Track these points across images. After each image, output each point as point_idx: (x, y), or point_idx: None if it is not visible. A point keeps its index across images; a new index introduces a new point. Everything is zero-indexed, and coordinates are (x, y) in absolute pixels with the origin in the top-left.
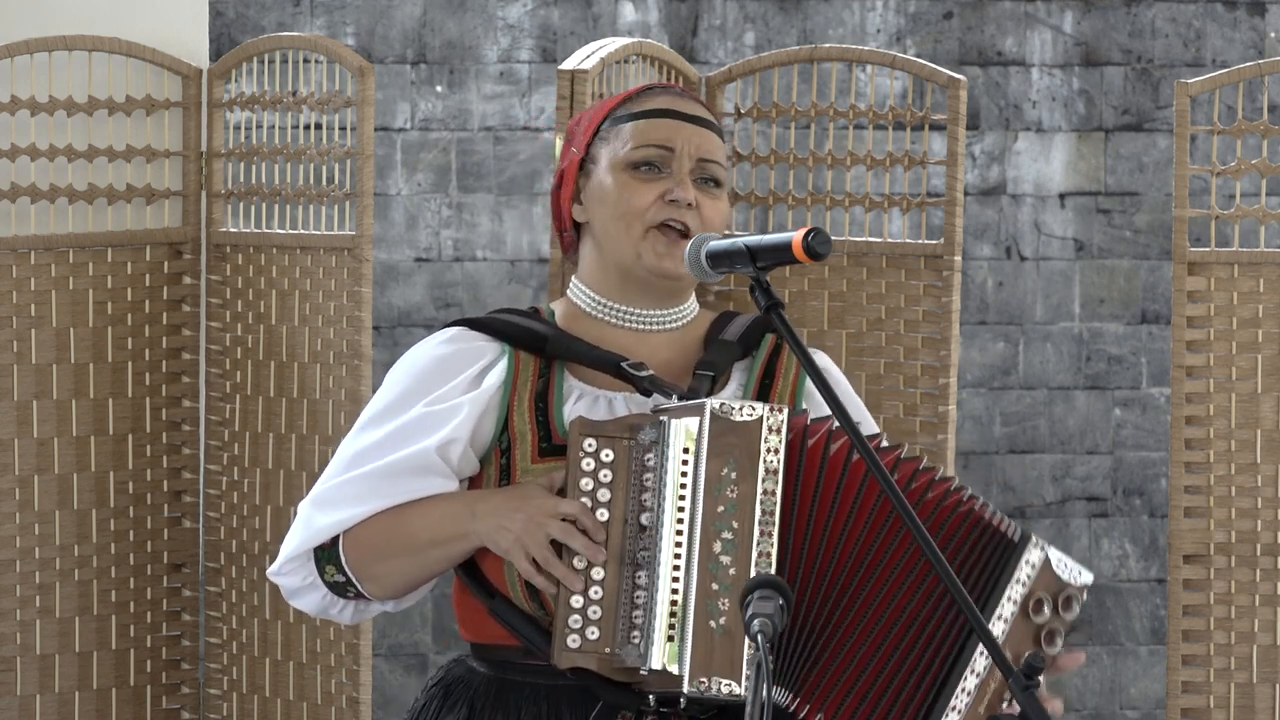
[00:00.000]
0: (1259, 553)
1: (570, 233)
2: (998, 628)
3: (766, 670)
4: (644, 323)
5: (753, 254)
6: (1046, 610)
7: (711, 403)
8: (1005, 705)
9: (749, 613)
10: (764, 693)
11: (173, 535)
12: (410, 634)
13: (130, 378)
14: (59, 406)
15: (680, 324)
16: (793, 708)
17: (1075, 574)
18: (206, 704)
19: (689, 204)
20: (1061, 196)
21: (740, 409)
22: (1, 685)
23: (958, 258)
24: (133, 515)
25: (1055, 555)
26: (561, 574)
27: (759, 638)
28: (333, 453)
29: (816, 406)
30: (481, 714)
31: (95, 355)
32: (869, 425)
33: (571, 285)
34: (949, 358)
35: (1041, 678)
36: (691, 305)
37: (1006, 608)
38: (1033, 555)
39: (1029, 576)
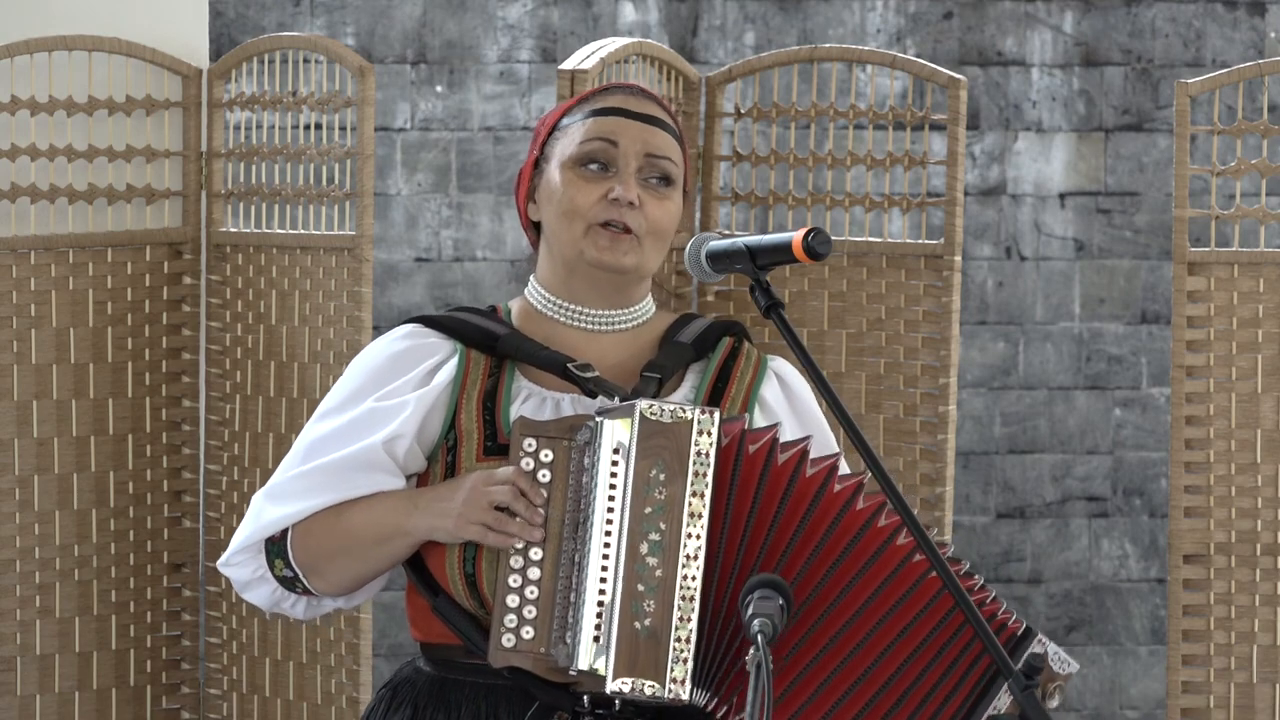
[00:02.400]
0: (1259, 553)
1: (533, 232)
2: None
3: (766, 670)
4: (594, 323)
5: (753, 254)
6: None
7: (641, 404)
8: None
9: (749, 612)
10: (764, 692)
11: (173, 535)
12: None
13: (130, 378)
14: (59, 406)
15: (632, 325)
16: (710, 707)
17: (1064, 664)
18: (206, 704)
19: (630, 203)
20: (1061, 196)
21: (671, 411)
22: (1, 685)
23: (958, 258)
24: (133, 515)
25: (1052, 648)
26: (515, 529)
27: (759, 638)
28: None
29: (770, 414)
30: (424, 713)
31: (95, 355)
32: (829, 444)
33: (529, 284)
34: (949, 358)
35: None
36: (645, 306)
37: (1003, 700)
38: (1035, 648)
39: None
